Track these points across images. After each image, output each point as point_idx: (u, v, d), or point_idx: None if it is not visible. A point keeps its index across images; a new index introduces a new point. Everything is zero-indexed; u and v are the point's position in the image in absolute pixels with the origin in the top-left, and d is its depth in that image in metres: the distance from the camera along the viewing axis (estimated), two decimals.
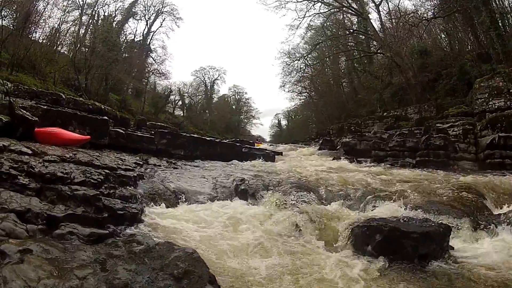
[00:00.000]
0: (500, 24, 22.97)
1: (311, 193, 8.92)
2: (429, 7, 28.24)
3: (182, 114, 63.09)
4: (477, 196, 8.22)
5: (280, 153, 22.40)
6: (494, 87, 17.77)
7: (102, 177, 6.84)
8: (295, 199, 8.42)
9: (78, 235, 4.44)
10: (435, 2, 28.23)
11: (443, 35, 33.36)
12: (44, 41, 29.16)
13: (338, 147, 25.30)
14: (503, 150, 14.96)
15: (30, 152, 6.84)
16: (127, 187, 7.42)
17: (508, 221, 6.44)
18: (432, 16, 26.58)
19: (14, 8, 25.90)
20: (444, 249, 5.41)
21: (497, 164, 14.83)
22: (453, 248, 5.51)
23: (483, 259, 5.15)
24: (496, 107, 17.28)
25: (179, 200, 8.11)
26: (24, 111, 9.13)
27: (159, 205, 7.47)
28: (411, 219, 5.98)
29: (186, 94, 68.41)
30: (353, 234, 5.58)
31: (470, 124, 17.83)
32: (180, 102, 64.85)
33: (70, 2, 34.60)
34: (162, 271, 3.69)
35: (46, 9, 29.57)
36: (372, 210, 7.41)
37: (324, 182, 10.25)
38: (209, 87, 76.19)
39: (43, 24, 29.38)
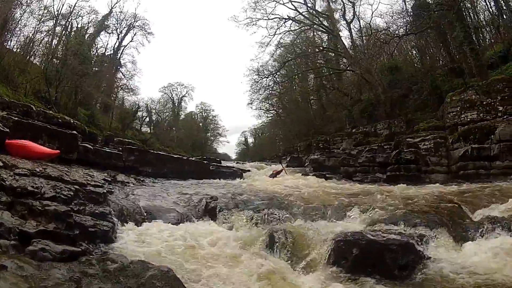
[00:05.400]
0: (474, 38, 23.51)
1: (282, 210, 8.99)
2: (401, 24, 28.67)
3: (149, 131, 62.65)
4: (453, 205, 8.32)
5: (248, 171, 22.44)
6: (466, 100, 18.06)
7: (72, 193, 6.78)
8: (266, 216, 8.47)
9: (50, 252, 4.38)
10: (407, 19, 28.69)
11: (414, 52, 34.04)
12: (18, 50, 28.81)
13: (307, 164, 25.45)
14: (476, 161, 15.26)
15: (1, 164, 6.75)
16: (97, 204, 7.34)
17: (484, 227, 6.56)
18: (404, 33, 26.96)
19: None
20: (423, 258, 5.45)
21: (471, 175, 15.13)
22: (432, 257, 5.53)
23: (462, 267, 5.18)
24: (468, 119, 17.54)
25: (149, 219, 8.00)
26: None
27: (129, 223, 7.38)
28: (388, 231, 6.01)
29: (154, 111, 67.99)
30: (329, 250, 5.54)
31: (442, 138, 18.07)
32: (147, 119, 64.44)
33: (45, 11, 34.08)
34: None
35: (22, 17, 29.31)
36: (347, 225, 7.43)
37: (294, 199, 10.30)
38: (176, 104, 75.66)
39: (19, 32, 29.11)
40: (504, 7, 25.66)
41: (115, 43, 54.64)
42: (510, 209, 7.71)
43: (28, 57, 29.65)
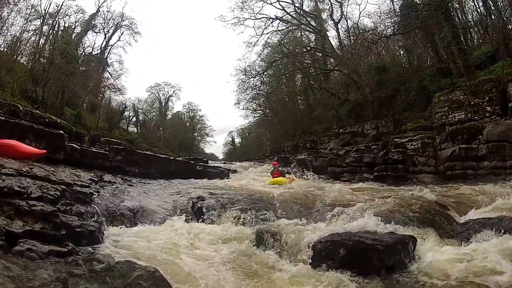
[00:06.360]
0: (462, 38, 23.68)
1: (269, 210, 8.98)
2: (389, 24, 28.72)
3: (136, 131, 62.38)
4: (440, 206, 8.30)
5: (235, 171, 22.39)
6: (454, 100, 18.28)
7: (59, 193, 6.68)
8: (253, 216, 8.46)
9: (37, 252, 4.33)
10: (395, 19, 28.91)
11: (402, 52, 34.31)
12: (4, 49, 28.60)
13: (293, 164, 25.40)
14: (464, 161, 15.40)
15: None
16: (84, 204, 7.28)
17: (472, 228, 6.58)
18: (391, 33, 27.00)
19: None
20: (411, 259, 5.43)
21: (459, 176, 15.28)
22: (420, 258, 5.51)
23: (450, 267, 5.15)
24: (456, 119, 17.79)
25: (135, 219, 7.99)
26: None
27: (115, 224, 7.38)
28: (375, 232, 5.95)
29: (141, 111, 67.92)
30: (315, 250, 5.51)
31: (429, 138, 18.12)
32: (134, 119, 64.23)
33: (33, 10, 33.84)
34: None
35: (9, 16, 29.09)
36: (333, 225, 7.32)
37: (281, 199, 10.29)
38: (163, 104, 75.33)
39: (5, 31, 28.92)
40: (493, 8, 25.83)
41: (102, 43, 54.29)
42: (497, 210, 7.76)
43: (15, 56, 29.47)
